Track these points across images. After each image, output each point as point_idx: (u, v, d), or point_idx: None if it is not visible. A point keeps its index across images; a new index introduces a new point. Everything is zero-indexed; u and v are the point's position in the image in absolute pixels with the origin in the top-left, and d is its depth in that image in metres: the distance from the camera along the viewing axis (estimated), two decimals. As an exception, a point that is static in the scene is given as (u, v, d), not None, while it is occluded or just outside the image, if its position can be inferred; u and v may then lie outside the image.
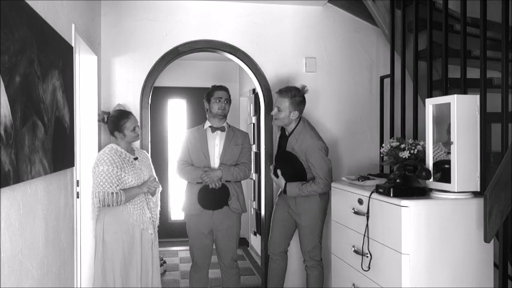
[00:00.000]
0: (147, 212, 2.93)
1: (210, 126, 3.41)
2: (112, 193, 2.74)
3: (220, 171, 3.26)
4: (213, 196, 3.28)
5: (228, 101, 3.41)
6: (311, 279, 3.33)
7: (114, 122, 2.95)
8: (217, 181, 3.25)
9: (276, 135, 3.55)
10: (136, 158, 2.97)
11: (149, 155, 3.27)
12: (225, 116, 3.41)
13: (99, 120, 3.05)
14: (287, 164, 3.25)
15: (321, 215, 3.28)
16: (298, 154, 3.19)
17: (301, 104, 3.22)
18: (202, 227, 3.32)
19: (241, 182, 3.45)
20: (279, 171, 3.25)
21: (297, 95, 3.18)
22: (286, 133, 3.30)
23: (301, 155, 3.18)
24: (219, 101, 3.35)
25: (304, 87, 3.26)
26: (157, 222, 3.05)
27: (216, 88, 3.41)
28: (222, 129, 3.40)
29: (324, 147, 3.19)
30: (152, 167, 3.15)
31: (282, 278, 3.46)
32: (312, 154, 3.14)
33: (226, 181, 3.30)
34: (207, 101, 3.42)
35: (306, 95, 3.27)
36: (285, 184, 3.21)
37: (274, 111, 3.23)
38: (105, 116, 2.98)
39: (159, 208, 3.12)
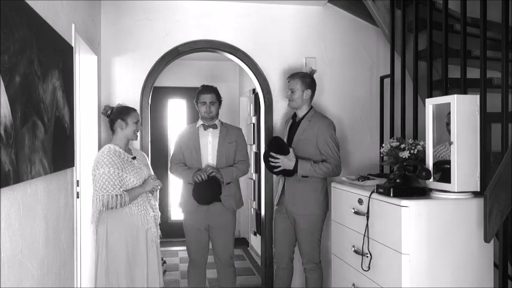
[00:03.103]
0: (150, 211, 2.93)
1: (202, 124, 3.43)
2: (116, 195, 2.70)
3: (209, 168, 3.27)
4: (205, 190, 3.26)
5: (214, 102, 3.38)
6: (310, 282, 3.32)
7: (120, 110, 2.94)
8: (203, 173, 3.23)
9: (284, 127, 3.53)
10: (134, 158, 2.96)
11: (147, 156, 3.26)
12: (212, 118, 3.41)
13: (102, 113, 3.02)
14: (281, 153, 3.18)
15: (321, 217, 3.27)
16: (308, 138, 3.19)
17: (313, 84, 3.31)
18: (198, 223, 3.34)
19: (239, 178, 3.49)
20: (291, 150, 3.14)
21: (306, 76, 3.30)
22: (297, 119, 3.32)
23: (312, 137, 3.18)
24: (204, 105, 3.37)
25: (311, 70, 3.42)
26: (158, 220, 3.05)
27: (201, 91, 3.41)
28: (213, 126, 3.42)
29: (335, 128, 3.28)
30: (150, 167, 3.14)
31: (288, 286, 3.47)
32: (325, 132, 3.18)
33: (227, 183, 3.32)
34: (195, 102, 3.45)
35: None
36: (297, 161, 3.11)
37: (288, 93, 3.30)
38: (110, 110, 2.97)
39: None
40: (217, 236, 3.37)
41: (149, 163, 3.16)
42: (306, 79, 3.26)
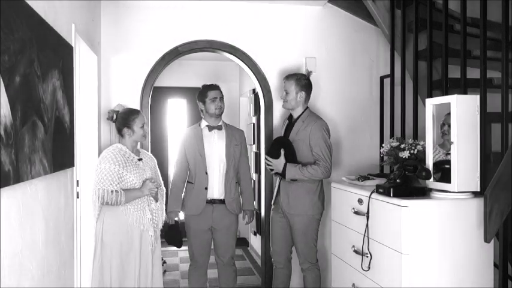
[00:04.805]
0: (148, 213, 2.92)
1: (207, 125, 3.42)
2: (112, 191, 2.73)
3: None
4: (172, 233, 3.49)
5: (222, 98, 3.44)
6: (308, 282, 3.32)
7: (124, 117, 2.95)
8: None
9: (281, 128, 3.53)
10: (140, 159, 2.98)
11: (155, 159, 3.22)
12: (221, 114, 3.45)
13: (108, 119, 3.05)
14: (280, 151, 3.18)
15: (315, 218, 3.25)
16: (302, 138, 3.18)
17: (308, 87, 3.28)
18: (202, 225, 3.35)
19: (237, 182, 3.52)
20: (282, 151, 3.14)
21: (302, 78, 3.28)
22: (292, 120, 3.32)
23: (305, 138, 3.17)
24: (215, 100, 3.37)
25: (308, 72, 3.40)
26: (160, 226, 3.04)
27: (208, 88, 3.42)
28: (219, 127, 3.41)
29: (328, 130, 3.23)
30: (158, 169, 3.14)
31: (287, 285, 3.46)
32: (316, 133, 3.15)
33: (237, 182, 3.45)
34: (201, 102, 3.43)
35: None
36: (285, 165, 3.12)
37: (283, 94, 3.30)
38: (115, 114, 2.98)
39: (164, 214, 3.10)
40: (220, 237, 3.38)
41: (157, 166, 3.15)
42: (300, 81, 3.24)
